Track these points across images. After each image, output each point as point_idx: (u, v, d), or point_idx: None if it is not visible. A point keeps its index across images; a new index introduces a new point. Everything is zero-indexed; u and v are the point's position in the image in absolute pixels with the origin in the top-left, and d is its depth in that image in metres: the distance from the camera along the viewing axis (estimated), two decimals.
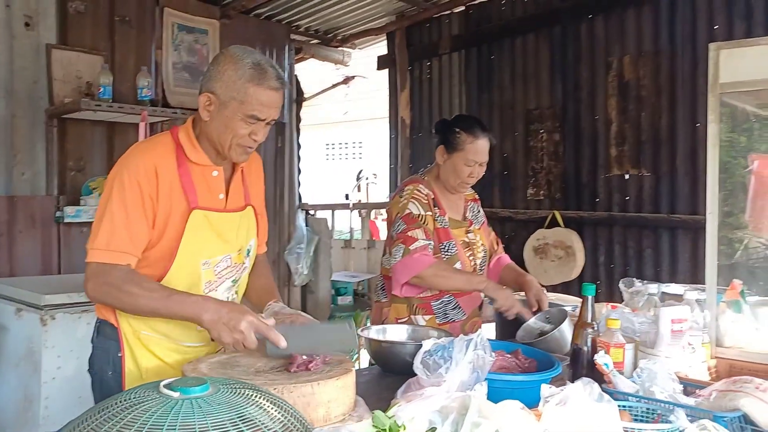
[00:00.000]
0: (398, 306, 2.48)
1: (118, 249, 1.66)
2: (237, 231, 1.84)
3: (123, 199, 1.67)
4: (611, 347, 1.68)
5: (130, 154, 1.75)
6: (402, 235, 2.36)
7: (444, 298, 2.45)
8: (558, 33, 4.54)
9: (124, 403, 0.98)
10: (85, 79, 4.01)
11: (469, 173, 2.46)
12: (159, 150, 1.74)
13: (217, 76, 1.69)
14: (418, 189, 2.46)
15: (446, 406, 1.09)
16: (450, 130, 2.48)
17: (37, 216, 3.86)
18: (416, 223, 2.37)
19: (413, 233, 2.35)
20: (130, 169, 1.69)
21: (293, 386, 1.41)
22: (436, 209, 2.46)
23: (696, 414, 1.38)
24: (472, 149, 2.44)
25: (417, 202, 2.42)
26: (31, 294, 3.12)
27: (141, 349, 1.77)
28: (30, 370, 3.09)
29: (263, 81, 1.67)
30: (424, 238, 2.35)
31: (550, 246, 4.39)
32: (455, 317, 2.47)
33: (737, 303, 1.93)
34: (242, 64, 1.67)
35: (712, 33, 3.75)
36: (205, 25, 4.83)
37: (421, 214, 2.40)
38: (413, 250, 2.32)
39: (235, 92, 1.67)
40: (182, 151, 1.75)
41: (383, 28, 5.75)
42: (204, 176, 1.77)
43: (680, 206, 3.92)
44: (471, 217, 2.62)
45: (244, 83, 1.66)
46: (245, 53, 1.70)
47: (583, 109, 4.39)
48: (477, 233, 2.60)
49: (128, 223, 1.66)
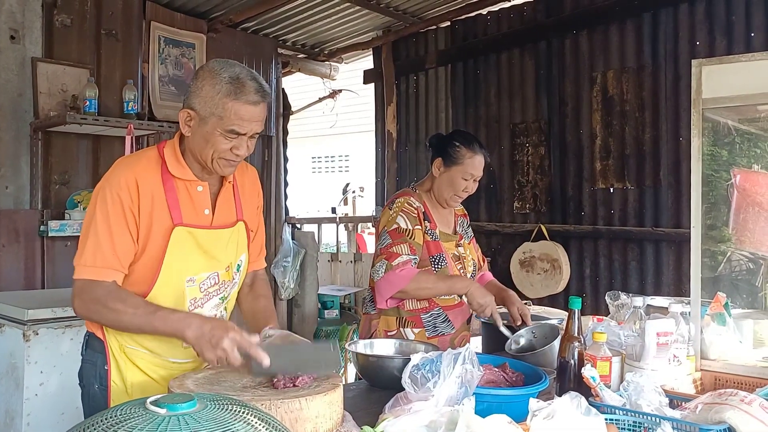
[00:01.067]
0: (388, 318, 2.47)
1: (103, 265, 1.65)
2: (226, 247, 1.82)
3: (106, 215, 1.66)
4: (598, 360, 1.69)
5: (114, 168, 1.74)
6: (386, 251, 2.36)
7: (434, 311, 2.45)
8: (543, 48, 4.60)
9: (110, 420, 0.97)
10: (70, 93, 3.99)
11: (464, 188, 2.48)
12: (142, 164, 1.73)
13: (196, 92, 1.67)
14: (409, 202, 2.46)
15: (435, 420, 1.09)
16: (449, 143, 2.49)
17: (20, 230, 3.82)
18: (402, 238, 2.37)
19: (397, 248, 2.35)
20: (112, 183, 1.68)
21: (281, 401, 1.40)
22: (427, 222, 2.47)
23: (682, 427, 1.39)
24: (471, 164, 2.45)
25: (406, 215, 2.42)
26: (14, 308, 3.07)
27: (127, 363, 1.76)
28: (12, 387, 3.05)
29: (241, 95, 1.64)
30: (409, 253, 2.35)
31: (536, 259, 4.42)
32: (444, 330, 2.47)
33: (721, 316, 1.95)
34: (219, 78, 1.64)
35: (694, 49, 3.81)
36: (192, 39, 4.83)
37: (409, 229, 2.40)
38: (396, 266, 2.32)
39: (213, 107, 1.64)
40: (166, 167, 1.74)
41: (370, 42, 5.79)
42: (188, 191, 1.75)
43: (664, 219, 3.96)
44: (461, 232, 2.63)
45: (221, 98, 1.63)
46: (224, 67, 1.67)
47: (568, 124, 4.44)
48: (467, 247, 2.61)
49: (112, 238, 1.65)
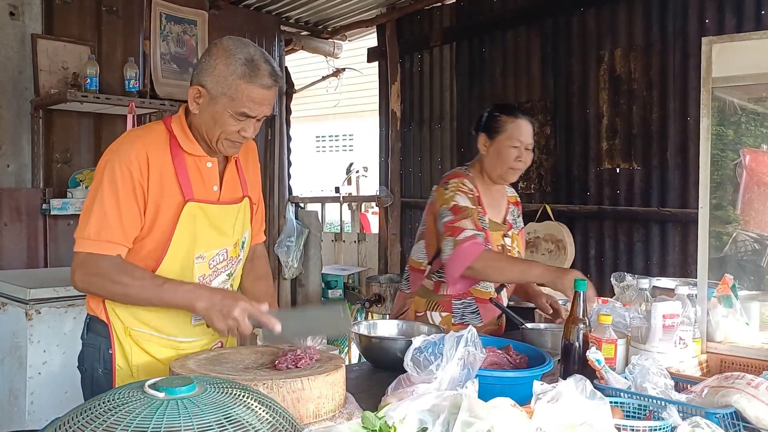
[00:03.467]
0: (419, 300, 2.44)
1: (108, 239, 1.63)
2: (234, 224, 1.81)
3: (114, 188, 1.63)
4: (603, 343, 1.67)
5: (122, 141, 1.71)
6: (450, 227, 2.25)
7: (466, 300, 2.40)
8: (549, 26, 4.52)
9: (109, 404, 0.95)
10: (71, 70, 3.95)
11: (516, 156, 2.37)
12: (152, 138, 1.71)
13: (209, 70, 1.64)
14: (464, 183, 2.36)
15: (437, 404, 1.08)
16: (489, 117, 2.43)
17: (22, 208, 3.82)
18: (463, 213, 2.27)
19: (460, 223, 2.25)
20: (122, 157, 1.65)
21: (282, 381, 1.39)
22: (479, 207, 2.37)
23: (688, 410, 1.37)
24: (515, 128, 2.38)
25: (464, 195, 2.33)
26: (16, 288, 3.08)
27: (132, 346, 1.74)
28: (15, 365, 3.06)
29: (255, 78, 1.62)
30: (473, 228, 2.25)
31: (540, 239, 4.39)
32: (471, 321, 2.39)
33: (728, 298, 1.93)
34: (234, 59, 1.62)
35: (703, 27, 3.74)
36: (194, 16, 4.77)
37: (468, 207, 2.30)
38: (461, 240, 2.21)
39: (225, 88, 1.62)
40: (176, 141, 1.71)
41: (374, 20, 5.71)
42: (198, 167, 1.74)
43: (670, 200, 3.92)
44: (511, 221, 2.54)
45: (235, 79, 1.62)
46: (239, 47, 1.64)
47: (575, 103, 4.38)
48: (515, 238, 2.51)
49: (119, 212, 1.63)
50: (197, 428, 0.90)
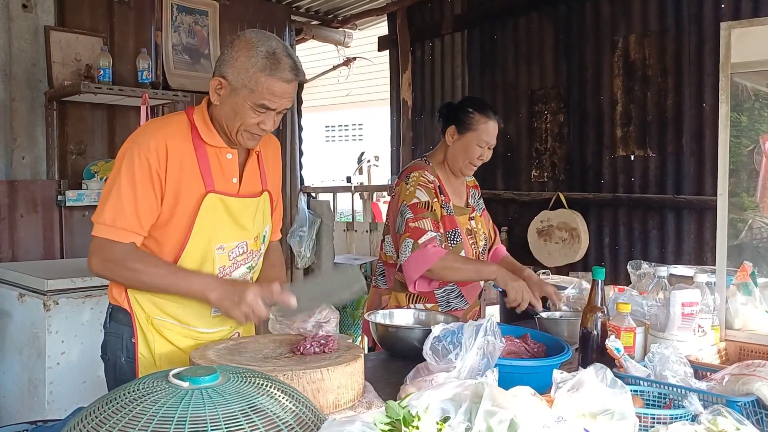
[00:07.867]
0: (398, 295, 2.43)
1: (123, 227, 1.65)
2: (254, 217, 1.82)
3: (132, 177, 1.65)
4: (622, 331, 1.66)
5: (143, 131, 1.73)
6: (409, 228, 2.30)
7: (447, 287, 2.42)
8: (562, 12, 4.48)
9: (134, 394, 0.96)
10: (84, 62, 3.97)
11: (479, 155, 2.43)
12: (172, 128, 1.72)
13: (230, 62, 1.65)
14: (424, 176, 2.40)
15: (459, 393, 1.07)
16: (461, 110, 2.44)
17: (38, 200, 3.84)
18: (423, 213, 2.31)
19: (421, 224, 2.29)
20: (141, 146, 1.67)
21: (302, 372, 1.40)
22: (442, 196, 2.42)
23: (709, 398, 1.37)
24: (485, 130, 2.41)
25: (424, 188, 2.37)
26: (34, 279, 3.10)
27: (154, 334, 1.76)
28: (34, 356, 3.09)
29: (276, 72, 1.63)
30: (432, 229, 2.29)
31: (554, 228, 4.37)
32: (458, 306, 2.44)
33: (747, 285, 1.91)
34: (256, 51, 1.63)
35: (719, 12, 3.68)
36: (205, 6, 4.77)
37: (428, 202, 2.35)
38: (422, 244, 2.26)
39: (246, 80, 1.63)
40: (197, 132, 1.73)
41: (384, 8, 5.68)
42: (218, 158, 1.75)
43: (686, 187, 3.89)
44: (473, 204, 2.59)
45: (255, 72, 1.62)
46: (261, 40, 1.65)
47: (588, 90, 4.34)
48: (478, 220, 2.56)
49: (136, 201, 1.65)
50: (222, 417, 0.91)
